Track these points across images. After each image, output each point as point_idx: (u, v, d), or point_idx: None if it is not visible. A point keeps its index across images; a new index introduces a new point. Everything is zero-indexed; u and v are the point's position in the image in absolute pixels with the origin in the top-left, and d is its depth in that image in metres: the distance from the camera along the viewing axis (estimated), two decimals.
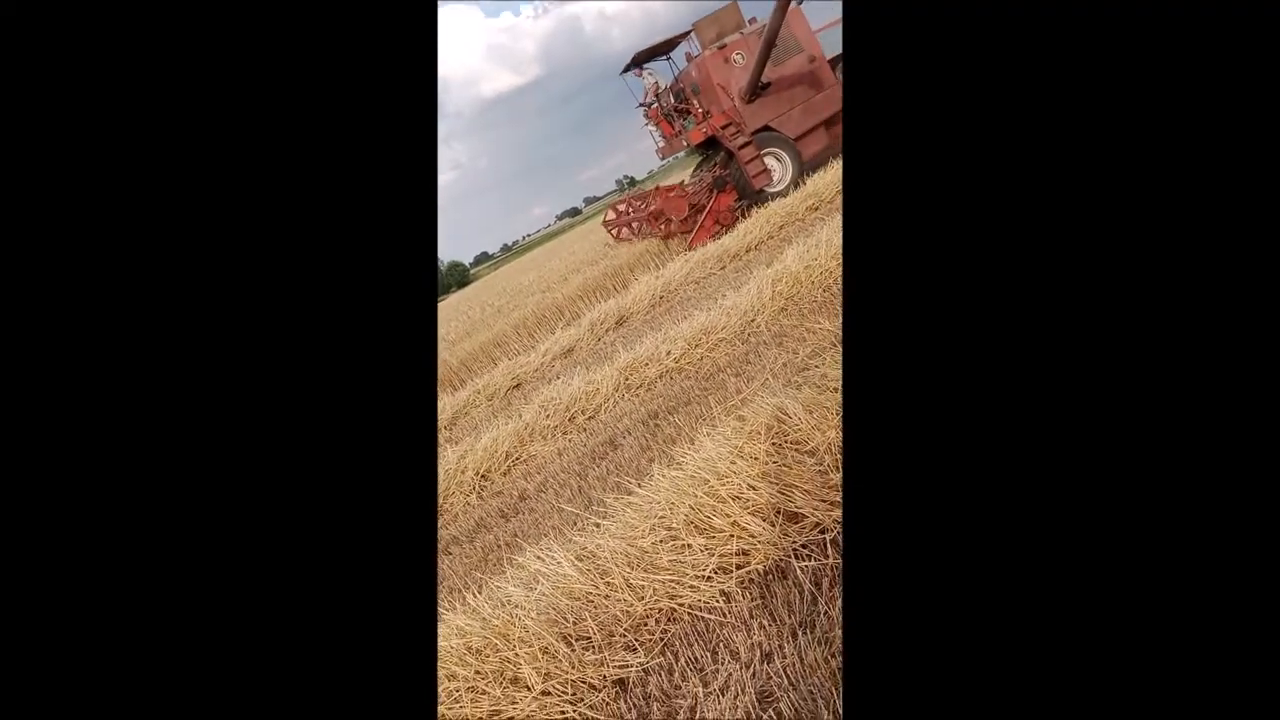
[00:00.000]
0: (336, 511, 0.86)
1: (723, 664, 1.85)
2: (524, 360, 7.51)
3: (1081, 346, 0.80)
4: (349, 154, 0.89)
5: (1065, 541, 0.79)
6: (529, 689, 1.95)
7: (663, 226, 9.34)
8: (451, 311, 20.92)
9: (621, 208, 9.45)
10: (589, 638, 2.05)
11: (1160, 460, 0.77)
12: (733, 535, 2.15)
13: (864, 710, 0.80)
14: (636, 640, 2.04)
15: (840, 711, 1.53)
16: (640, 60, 10.64)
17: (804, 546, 2.08)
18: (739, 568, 2.11)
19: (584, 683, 1.97)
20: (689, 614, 2.06)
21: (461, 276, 58.81)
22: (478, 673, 2.03)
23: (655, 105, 10.67)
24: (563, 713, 1.91)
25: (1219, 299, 0.77)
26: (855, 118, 0.89)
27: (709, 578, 2.10)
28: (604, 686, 1.95)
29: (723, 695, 1.75)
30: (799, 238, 6.52)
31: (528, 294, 12.66)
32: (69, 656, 0.79)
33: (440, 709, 1.97)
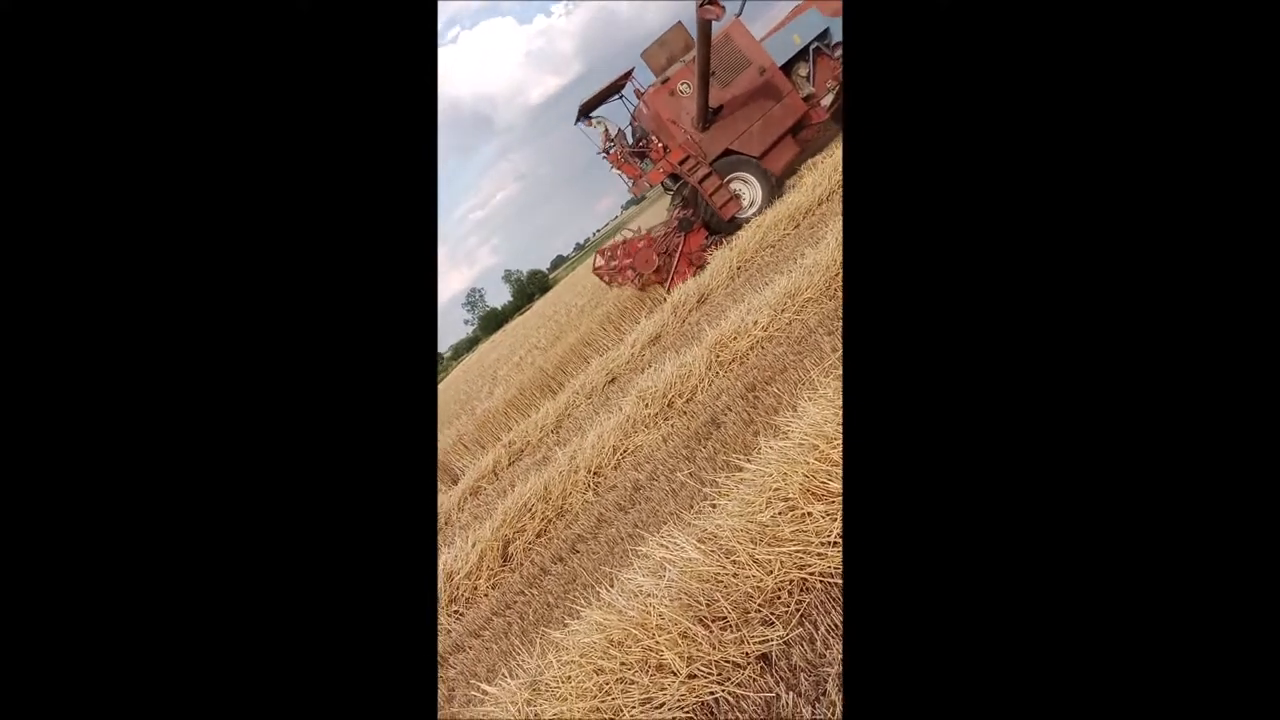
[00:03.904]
0: (341, 517, 0.90)
1: None
2: (614, 354, 7.60)
3: (1078, 352, 0.80)
4: (352, 189, 0.94)
5: (1062, 546, 0.79)
6: (675, 674, 1.98)
7: (637, 279, 9.09)
8: (538, 319, 21.44)
9: (606, 255, 9.38)
10: (725, 617, 2.07)
11: (1155, 470, 0.76)
12: None
13: (864, 710, 0.82)
14: (772, 614, 2.03)
15: None
16: (586, 110, 10.10)
17: None
18: None
19: (728, 662, 1.98)
20: (821, 582, 2.04)
21: (543, 283, 60.02)
22: (623, 664, 2.08)
23: (614, 150, 10.12)
24: (711, 693, 1.93)
25: (1214, 306, 0.75)
26: (855, 119, 0.90)
27: (835, 543, 2.07)
28: (748, 663, 1.96)
29: None
30: None
31: (607, 287, 12.78)
32: (71, 655, 0.82)
33: (558, 706, 2.03)
